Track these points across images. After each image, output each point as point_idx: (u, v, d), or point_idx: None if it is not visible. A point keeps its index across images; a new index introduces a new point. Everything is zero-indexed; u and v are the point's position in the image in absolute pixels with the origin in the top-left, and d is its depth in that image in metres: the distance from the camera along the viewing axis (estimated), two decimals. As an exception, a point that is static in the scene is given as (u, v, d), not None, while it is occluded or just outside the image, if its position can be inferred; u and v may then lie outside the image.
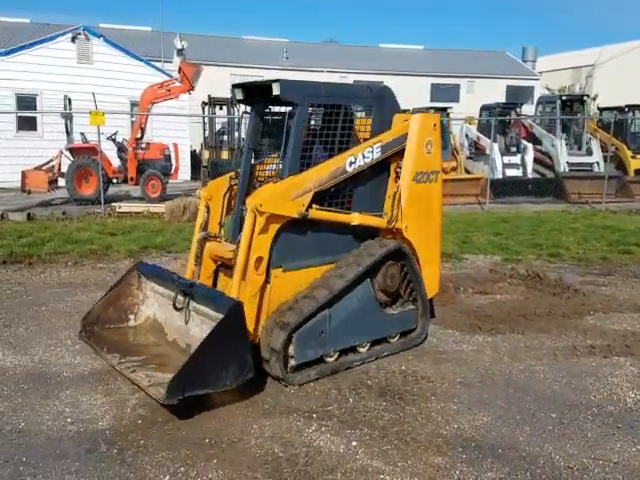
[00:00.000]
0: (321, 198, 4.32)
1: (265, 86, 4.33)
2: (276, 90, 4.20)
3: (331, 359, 4.35)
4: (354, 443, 3.38)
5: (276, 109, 4.94)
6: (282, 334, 3.97)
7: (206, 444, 3.34)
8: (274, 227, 4.10)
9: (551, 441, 3.43)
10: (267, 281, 4.18)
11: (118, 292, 4.66)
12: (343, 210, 4.52)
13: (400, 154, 4.78)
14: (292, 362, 4.11)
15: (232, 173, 4.92)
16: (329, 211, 4.40)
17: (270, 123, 5.01)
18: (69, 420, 3.62)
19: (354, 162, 4.51)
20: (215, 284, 4.74)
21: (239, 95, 4.64)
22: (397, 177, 4.83)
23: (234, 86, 4.68)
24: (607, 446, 3.39)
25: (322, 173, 4.29)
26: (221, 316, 3.67)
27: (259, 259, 4.07)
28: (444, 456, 3.26)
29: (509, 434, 3.51)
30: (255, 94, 4.60)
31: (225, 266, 4.62)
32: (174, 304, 4.25)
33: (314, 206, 4.22)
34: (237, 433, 3.46)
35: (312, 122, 4.72)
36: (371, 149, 4.60)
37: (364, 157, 4.58)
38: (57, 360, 4.57)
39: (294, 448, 3.32)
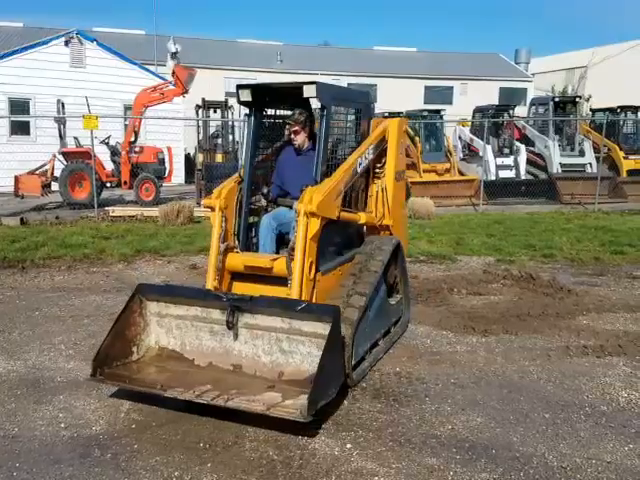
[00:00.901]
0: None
1: (287, 88, 4.38)
2: (311, 92, 4.14)
3: (367, 355, 4.38)
4: (349, 445, 3.38)
5: (270, 112, 4.96)
6: (349, 329, 3.90)
7: (200, 448, 3.34)
8: (319, 231, 4.11)
9: (544, 441, 3.45)
10: (313, 286, 4.20)
11: (125, 324, 4.06)
12: (352, 210, 4.76)
13: (377, 156, 5.10)
14: (352, 360, 3.99)
15: (236, 177, 4.73)
16: (347, 211, 4.59)
17: (266, 126, 5.01)
18: (63, 425, 3.61)
19: (361, 163, 4.70)
20: None
21: (246, 96, 4.43)
22: (374, 177, 5.18)
23: (241, 87, 4.46)
24: (600, 445, 3.40)
25: (346, 175, 4.44)
26: (327, 325, 3.51)
27: (311, 264, 4.09)
28: (438, 457, 3.27)
29: (503, 434, 3.52)
30: (264, 96, 4.52)
31: (241, 276, 4.46)
32: (228, 323, 3.86)
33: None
34: (231, 437, 3.46)
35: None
36: (368, 150, 4.75)
37: (365, 158, 4.77)
38: (50, 365, 4.55)
39: (289, 451, 3.32)
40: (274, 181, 4.96)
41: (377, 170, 5.11)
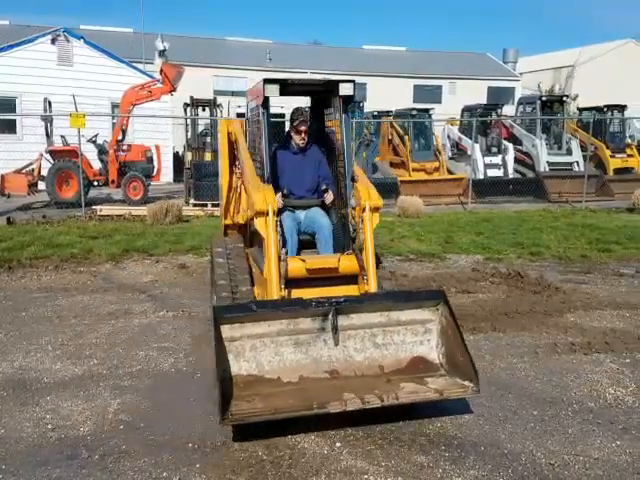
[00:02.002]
0: None
1: (307, 84, 4.44)
2: (349, 90, 4.16)
3: None
4: (338, 444, 3.38)
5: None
6: None
7: (189, 449, 3.32)
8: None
9: (532, 438, 3.47)
10: None
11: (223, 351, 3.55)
12: None
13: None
14: None
15: (258, 179, 4.49)
16: None
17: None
18: (50, 427, 3.57)
19: None
20: None
21: (274, 92, 4.14)
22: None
23: (268, 81, 4.13)
24: (588, 442, 3.43)
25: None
26: (427, 310, 3.80)
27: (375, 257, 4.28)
28: (427, 455, 3.28)
29: (491, 432, 3.53)
30: (291, 92, 4.35)
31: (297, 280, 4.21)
32: (334, 326, 3.67)
33: None
34: (221, 437, 3.44)
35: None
36: None
37: None
38: (37, 366, 4.51)
39: (278, 451, 3.31)
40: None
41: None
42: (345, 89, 4.17)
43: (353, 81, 4.19)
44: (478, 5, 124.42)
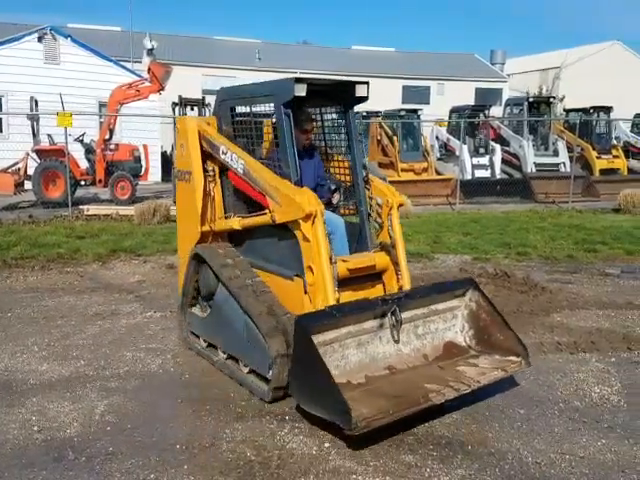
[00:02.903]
0: None
1: (342, 84, 4.38)
2: (364, 92, 4.31)
3: None
4: (327, 444, 3.38)
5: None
6: None
7: (177, 450, 3.31)
8: None
9: (519, 437, 3.50)
10: None
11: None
12: None
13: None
14: None
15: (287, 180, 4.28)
16: None
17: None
18: (36, 428, 3.54)
19: None
20: None
21: (302, 91, 3.98)
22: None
23: (298, 80, 3.99)
24: (573, 441, 3.46)
25: None
26: (457, 299, 4.22)
27: None
28: (415, 454, 3.29)
29: (478, 431, 3.56)
30: (316, 93, 4.22)
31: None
32: (397, 319, 3.78)
33: None
34: (209, 438, 3.44)
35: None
36: None
37: None
38: (23, 367, 4.47)
39: (267, 451, 3.31)
40: None
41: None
42: (362, 90, 4.32)
43: (367, 82, 4.35)
44: (466, 6, 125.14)
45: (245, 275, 4.26)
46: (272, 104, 4.24)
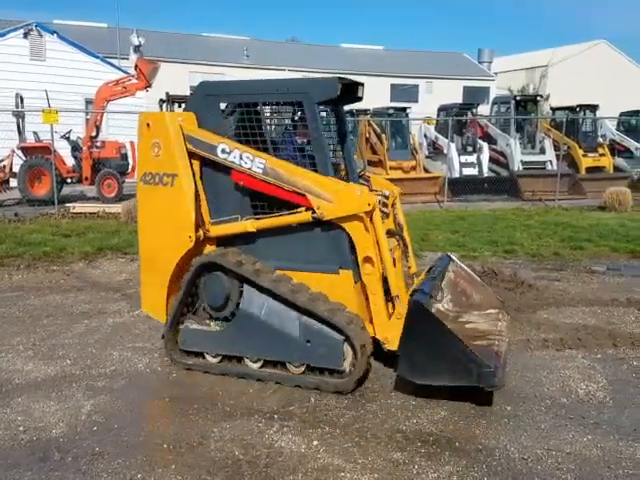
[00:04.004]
0: None
1: (355, 84, 4.51)
2: (362, 92, 4.55)
3: None
4: (315, 442, 3.38)
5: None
6: None
7: (164, 449, 3.29)
8: None
9: (506, 433, 3.52)
10: None
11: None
12: None
13: None
14: None
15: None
16: None
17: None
18: (21, 429, 3.51)
19: None
20: None
21: (339, 91, 4.09)
22: None
23: (340, 79, 4.16)
24: (560, 437, 3.49)
25: None
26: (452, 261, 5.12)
27: None
28: (403, 451, 3.30)
29: (466, 427, 3.58)
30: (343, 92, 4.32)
31: None
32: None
33: None
34: (196, 437, 3.42)
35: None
36: None
37: None
38: (8, 367, 4.42)
39: (255, 450, 3.30)
40: None
41: None
42: (362, 91, 4.56)
43: (363, 84, 4.56)
44: (454, 5, 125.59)
45: (280, 277, 4.17)
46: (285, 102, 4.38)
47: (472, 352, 3.59)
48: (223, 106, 4.46)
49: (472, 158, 16.57)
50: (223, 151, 4.20)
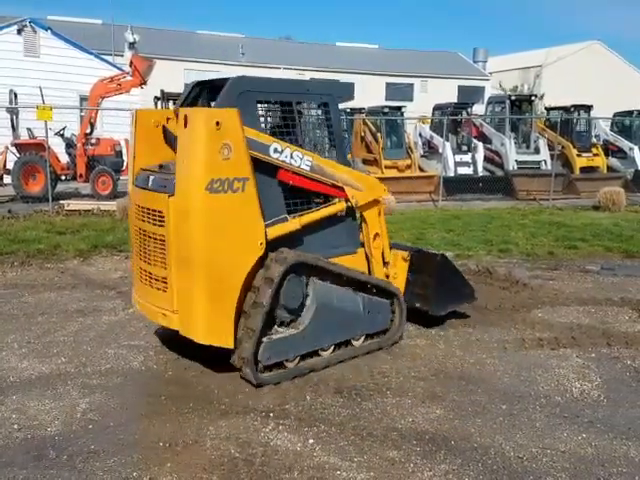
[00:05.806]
0: None
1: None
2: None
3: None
4: (311, 441, 3.39)
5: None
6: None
7: (160, 447, 3.29)
8: None
9: (501, 432, 3.53)
10: None
11: None
12: None
13: None
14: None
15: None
16: None
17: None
18: (16, 427, 3.49)
19: None
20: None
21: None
22: None
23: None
24: (555, 435, 3.51)
25: None
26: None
27: None
28: (399, 450, 3.31)
29: (461, 426, 3.59)
30: None
31: None
32: None
33: None
34: (192, 435, 3.42)
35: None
36: None
37: None
38: (3, 365, 4.40)
39: (251, 448, 3.30)
40: None
41: None
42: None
43: (353, 83, 5.04)
44: (449, 5, 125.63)
45: (333, 264, 4.50)
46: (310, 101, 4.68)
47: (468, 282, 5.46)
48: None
49: (467, 157, 16.61)
50: (275, 150, 4.07)
